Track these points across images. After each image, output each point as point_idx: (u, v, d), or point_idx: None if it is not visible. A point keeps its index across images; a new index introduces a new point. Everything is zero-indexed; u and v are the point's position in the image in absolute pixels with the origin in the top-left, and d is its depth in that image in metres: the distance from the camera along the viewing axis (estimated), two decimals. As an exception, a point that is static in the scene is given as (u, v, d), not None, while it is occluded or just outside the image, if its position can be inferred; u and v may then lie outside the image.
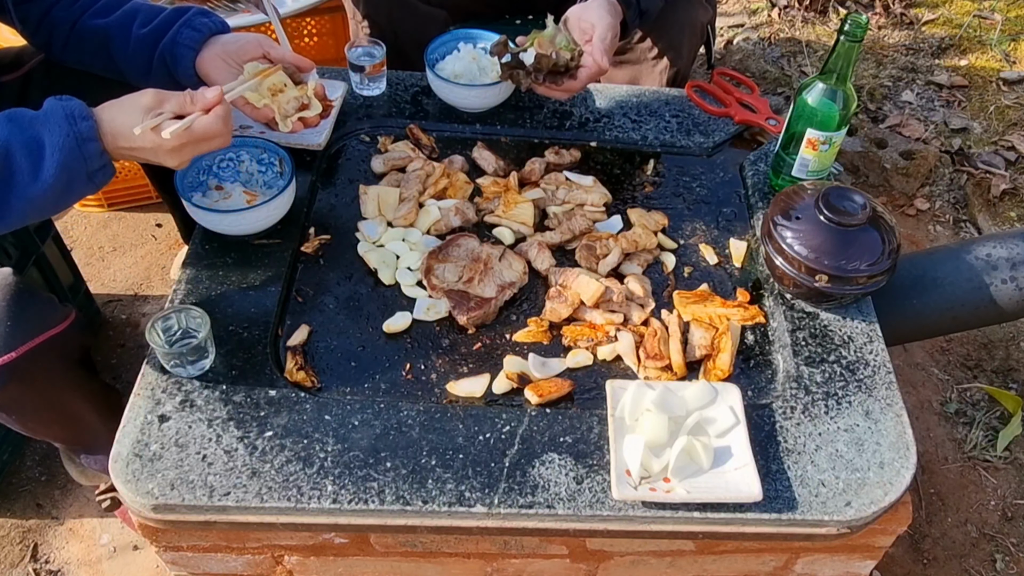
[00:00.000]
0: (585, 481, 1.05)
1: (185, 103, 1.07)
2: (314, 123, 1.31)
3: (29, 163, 0.99)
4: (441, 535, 1.10)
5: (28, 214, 1.03)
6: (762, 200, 1.44)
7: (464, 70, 1.53)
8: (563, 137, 1.55)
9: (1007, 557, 1.66)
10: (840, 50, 1.25)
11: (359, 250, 1.32)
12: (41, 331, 1.21)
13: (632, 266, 1.34)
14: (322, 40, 2.08)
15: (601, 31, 1.38)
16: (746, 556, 1.19)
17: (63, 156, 1.00)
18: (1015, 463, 1.80)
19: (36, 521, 1.62)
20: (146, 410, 1.08)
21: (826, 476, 1.07)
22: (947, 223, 2.33)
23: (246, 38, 1.29)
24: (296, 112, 1.29)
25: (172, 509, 1.01)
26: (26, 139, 0.99)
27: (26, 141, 0.99)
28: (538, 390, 1.14)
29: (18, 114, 1.01)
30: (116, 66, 1.29)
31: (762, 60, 2.77)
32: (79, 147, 1.01)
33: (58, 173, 1.00)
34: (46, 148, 0.99)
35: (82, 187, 1.05)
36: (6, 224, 1.04)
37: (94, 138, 1.02)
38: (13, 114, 1.01)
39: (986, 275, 1.32)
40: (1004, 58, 2.77)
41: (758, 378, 1.22)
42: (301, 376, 1.15)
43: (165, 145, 1.05)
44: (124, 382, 1.79)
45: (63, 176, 1.01)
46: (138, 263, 2.07)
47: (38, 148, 0.99)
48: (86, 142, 1.02)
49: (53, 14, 1.27)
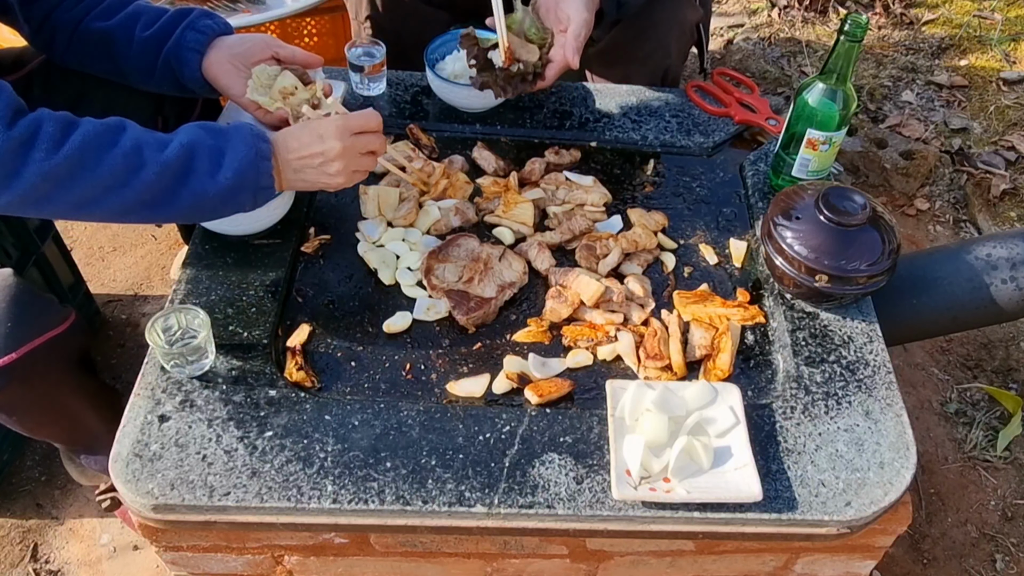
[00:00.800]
0: (585, 481, 1.05)
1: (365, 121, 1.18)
2: None
3: (209, 164, 1.08)
4: (441, 535, 1.10)
5: (190, 210, 1.11)
6: (762, 200, 1.44)
7: (464, 70, 1.53)
8: (563, 137, 1.55)
9: (1007, 557, 1.66)
10: (840, 50, 1.25)
11: (359, 250, 1.32)
12: (41, 332, 1.21)
13: (632, 266, 1.34)
14: (322, 40, 2.08)
15: (576, 27, 1.39)
16: (746, 556, 1.19)
17: (241, 165, 1.09)
18: (1015, 463, 1.80)
19: (36, 521, 1.62)
20: (146, 410, 1.08)
21: (826, 476, 1.07)
22: (947, 223, 2.33)
23: (252, 39, 1.28)
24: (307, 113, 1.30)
25: (172, 509, 1.01)
26: (212, 144, 1.09)
27: (212, 146, 1.09)
28: (538, 390, 1.14)
29: (210, 124, 1.13)
30: (119, 69, 1.29)
31: (762, 60, 2.77)
32: (256, 162, 1.10)
33: (232, 179, 1.09)
34: (227, 155, 1.09)
35: (245, 199, 1.13)
36: (167, 213, 1.11)
37: (269, 158, 1.12)
38: (205, 123, 1.13)
39: (986, 275, 1.32)
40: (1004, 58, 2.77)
41: (758, 378, 1.22)
42: (301, 376, 1.15)
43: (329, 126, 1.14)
44: (124, 382, 1.79)
45: (235, 183, 1.09)
46: (138, 263, 2.07)
47: (220, 154, 1.09)
48: (263, 160, 1.11)
49: (55, 16, 1.27)
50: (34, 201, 1.03)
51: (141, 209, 1.08)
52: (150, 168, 1.05)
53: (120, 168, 1.04)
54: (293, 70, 1.31)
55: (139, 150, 1.05)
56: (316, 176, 1.16)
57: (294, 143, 1.15)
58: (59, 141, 1.01)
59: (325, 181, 1.17)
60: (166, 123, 1.47)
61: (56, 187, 1.02)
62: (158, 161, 1.05)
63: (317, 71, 1.36)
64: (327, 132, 1.14)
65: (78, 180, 1.03)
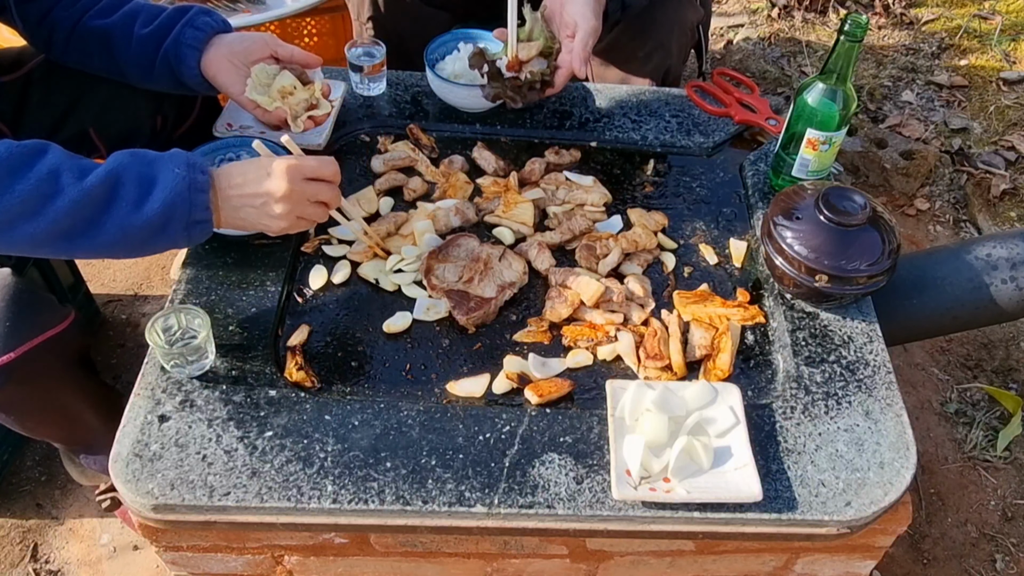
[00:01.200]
0: (585, 481, 1.05)
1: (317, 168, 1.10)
2: (323, 121, 1.31)
3: (136, 193, 1.01)
4: (441, 535, 1.10)
5: (114, 244, 1.03)
6: (762, 200, 1.44)
7: (464, 70, 1.53)
8: (563, 137, 1.55)
9: (1007, 557, 1.66)
10: (840, 50, 1.25)
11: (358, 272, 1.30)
12: (40, 332, 1.21)
13: (632, 266, 1.34)
14: (322, 40, 2.08)
15: (583, 35, 1.38)
16: (746, 556, 1.19)
17: (171, 196, 1.02)
18: (1015, 463, 1.80)
19: (36, 521, 1.62)
20: (146, 410, 1.08)
21: (826, 476, 1.07)
22: (947, 223, 2.33)
23: (252, 38, 1.28)
24: (305, 112, 1.30)
25: (172, 509, 1.01)
26: (141, 172, 1.02)
27: (140, 173, 1.02)
28: (538, 390, 1.14)
29: (142, 152, 1.05)
30: (118, 67, 1.29)
31: (762, 60, 2.77)
32: (189, 192, 1.03)
33: (161, 210, 1.02)
34: (157, 184, 1.02)
35: (176, 234, 1.05)
36: (87, 247, 1.03)
37: (205, 190, 1.05)
38: (137, 151, 1.05)
39: (986, 275, 1.32)
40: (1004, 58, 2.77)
41: (758, 378, 1.22)
42: (301, 376, 1.15)
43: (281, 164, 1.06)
44: (124, 382, 1.79)
45: (164, 214, 1.02)
46: (138, 263, 2.07)
47: (150, 182, 1.02)
48: (197, 192, 1.04)
49: (54, 14, 1.27)
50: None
51: (56, 241, 1.01)
52: (67, 195, 0.98)
53: (32, 195, 0.97)
54: (292, 70, 1.31)
55: (56, 176, 0.98)
56: (256, 216, 1.10)
57: (238, 178, 1.08)
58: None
59: (266, 223, 1.11)
60: (166, 121, 1.47)
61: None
62: (77, 189, 0.98)
63: (316, 71, 1.36)
64: (276, 171, 1.07)
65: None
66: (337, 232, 1.35)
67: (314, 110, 1.31)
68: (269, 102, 1.25)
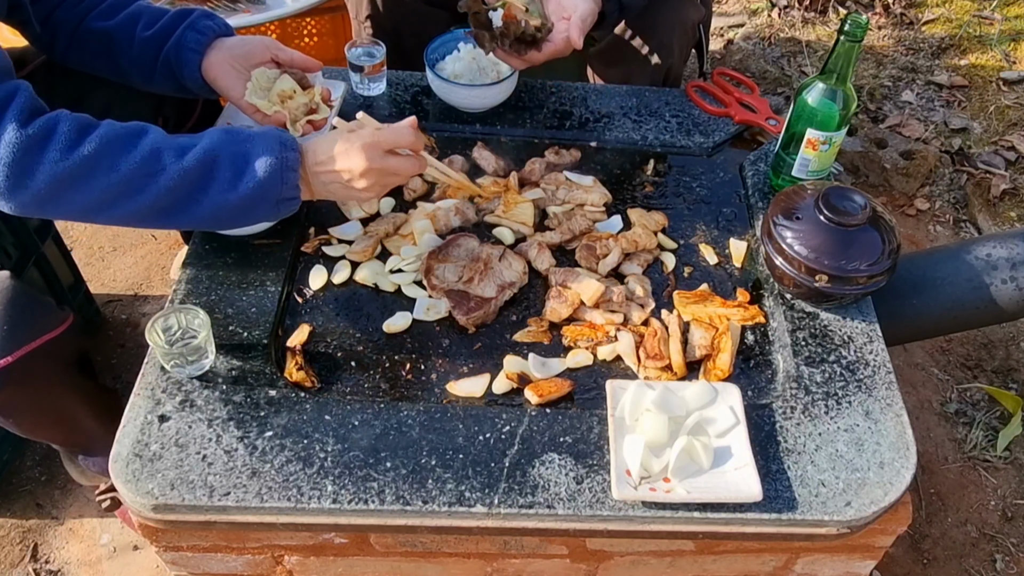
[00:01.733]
0: (585, 481, 1.05)
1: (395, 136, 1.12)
2: (322, 126, 1.31)
3: (232, 173, 1.06)
4: (441, 535, 1.10)
5: (209, 219, 1.10)
6: (762, 200, 1.44)
7: (464, 70, 1.53)
8: (563, 137, 1.55)
9: (1007, 557, 1.66)
10: (840, 50, 1.25)
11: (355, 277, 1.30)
12: (38, 335, 1.21)
13: (632, 266, 1.34)
14: (322, 40, 2.08)
15: (581, 12, 1.39)
16: (746, 556, 1.19)
17: (264, 176, 1.06)
18: (1015, 463, 1.80)
19: (36, 521, 1.62)
20: (146, 410, 1.08)
21: (826, 476, 1.07)
22: (947, 223, 2.33)
23: (253, 41, 1.28)
24: (304, 116, 1.30)
25: (172, 509, 1.01)
26: (236, 151, 1.07)
27: (235, 153, 1.06)
28: (538, 390, 1.14)
29: (237, 129, 1.10)
30: (119, 69, 1.29)
31: (762, 60, 2.77)
32: (281, 172, 1.07)
33: (254, 189, 1.06)
34: (251, 164, 1.06)
35: (266, 211, 1.11)
36: (184, 221, 1.09)
37: (295, 169, 1.09)
38: (231, 128, 1.10)
39: (986, 275, 1.32)
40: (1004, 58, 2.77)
41: (758, 378, 1.22)
42: (301, 376, 1.15)
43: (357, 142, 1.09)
44: (124, 382, 1.79)
45: (257, 193, 1.07)
46: (138, 263, 2.07)
47: (244, 162, 1.06)
48: (288, 171, 1.08)
49: (57, 15, 1.27)
50: (48, 202, 1.02)
51: (157, 216, 1.07)
52: (168, 174, 1.04)
53: (136, 173, 1.03)
54: (292, 74, 1.31)
55: (158, 155, 1.04)
56: (344, 191, 1.14)
57: (323, 155, 1.11)
58: (75, 142, 1.01)
59: (354, 195, 1.15)
60: (166, 124, 1.47)
61: (69, 189, 1.02)
62: (177, 167, 1.04)
63: (316, 75, 1.36)
64: (354, 149, 1.10)
65: (92, 183, 1.02)
66: (337, 232, 1.35)
67: (313, 115, 1.31)
68: (268, 106, 1.26)
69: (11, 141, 0.98)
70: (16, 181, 1.00)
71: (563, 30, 1.40)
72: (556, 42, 1.40)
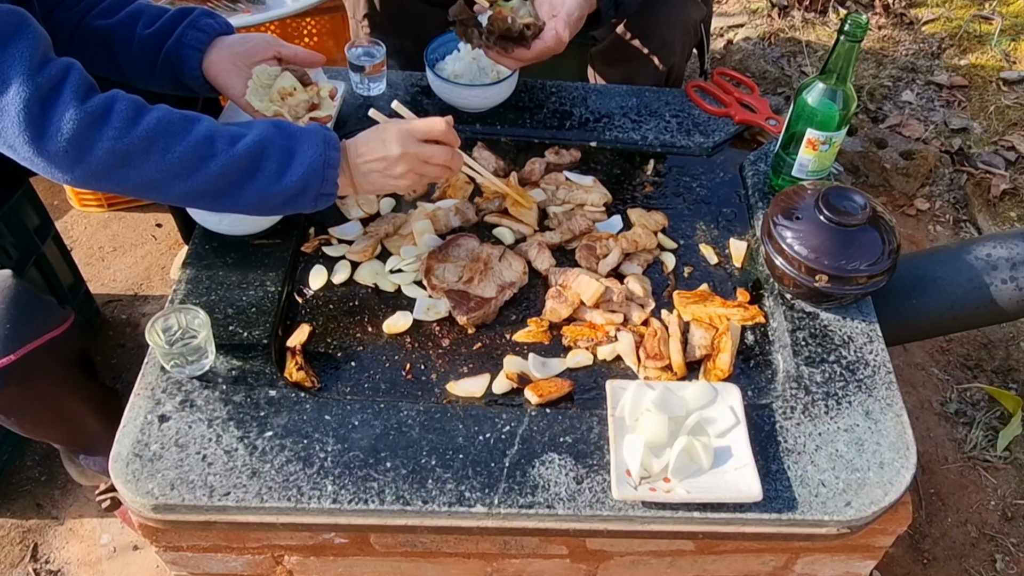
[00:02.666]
0: (585, 481, 1.05)
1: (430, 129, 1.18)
2: (325, 122, 1.31)
3: (278, 165, 1.10)
4: (441, 535, 1.10)
5: (252, 206, 1.13)
6: (762, 200, 1.44)
7: (464, 70, 1.53)
8: (563, 137, 1.55)
9: (1007, 557, 1.66)
10: (840, 50, 1.25)
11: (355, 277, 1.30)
12: (40, 334, 1.21)
13: (632, 266, 1.34)
14: (322, 40, 2.08)
15: (569, 7, 1.39)
16: (746, 556, 1.19)
17: (307, 171, 1.10)
18: (1015, 463, 1.80)
19: (36, 521, 1.62)
20: (146, 410, 1.08)
21: (826, 476, 1.07)
22: (947, 223, 2.33)
23: (254, 39, 1.29)
24: (307, 113, 1.30)
25: (172, 509, 1.01)
26: (284, 145, 1.10)
27: (283, 147, 1.10)
28: (538, 390, 1.14)
29: (286, 124, 1.15)
30: (119, 67, 1.29)
31: (762, 60, 2.77)
32: (323, 169, 1.11)
33: (297, 182, 1.10)
34: (296, 158, 1.10)
35: (304, 203, 1.14)
36: (229, 206, 1.13)
37: (336, 167, 1.13)
38: (281, 122, 1.15)
39: (986, 275, 1.32)
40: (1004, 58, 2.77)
41: (758, 378, 1.22)
42: (301, 376, 1.15)
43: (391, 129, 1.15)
44: (124, 382, 1.79)
45: (299, 186, 1.11)
46: (138, 263, 2.07)
47: (290, 156, 1.10)
48: (330, 168, 1.12)
49: (56, 15, 1.27)
50: (104, 177, 1.05)
51: (205, 198, 1.11)
52: (219, 160, 1.07)
53: (190, 156, 1.06)
54: (293, 70, 1.31)
55: (211, 141, 1.07)
56: (382, 180, 1.17)
57: (362, 147, 1.16)
58: (133, 120, 1.04)
59: (392, 184, 1.18)
60: None
61: (125, 166, 1.04)
62: (228, 155, 1.07)
63: (318, 70, 1.36)
64: (389, 136, 1.15)
65: (148, 162, 1.05)
66: (337, 232, 1.35)
67: (316, 111, 1.31)
68: (267, 107, 1.26)
69: (72, 117, 1.00)
70: (75, 156, 1.02)
71: (552, 27, 1.40)
72: (546, 39, 1.39)
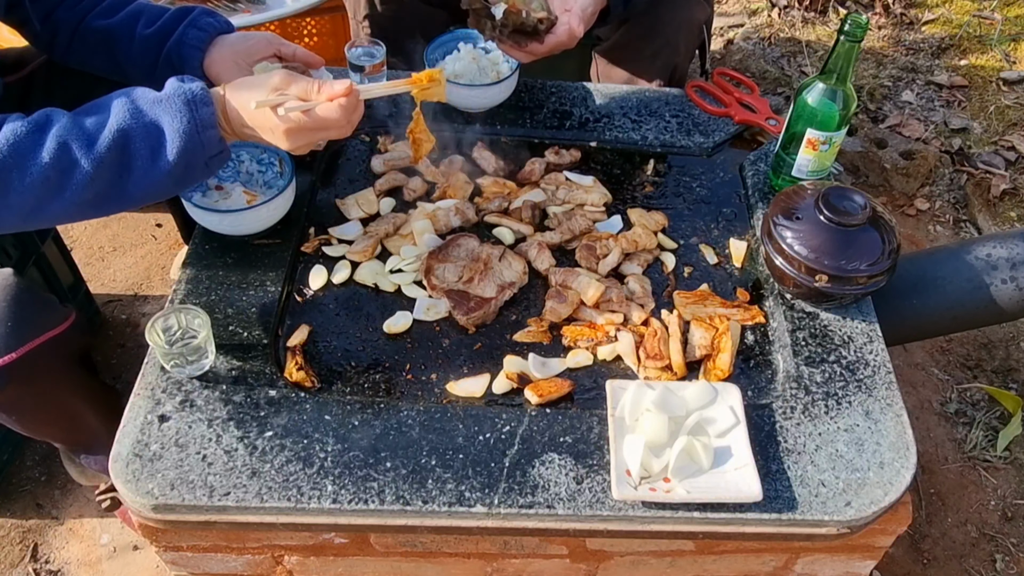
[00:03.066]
0: (585, 481, 1.05)
1: (311, 90, 1.05)
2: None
3: (148, 149, 1.00)
4: (441, 535, 1.10)
5: (146, 197, 1.04)
6: (762, 200, 1.44)
7: (464, 70, 1.53)
8: (563, 137, 1.55)
9: (1007, 557, 1.66)
10: (840, 50, 1.25)
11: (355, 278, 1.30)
12: (41, 332, 1.21)
13: (632, 266, 1.34)
14: (322, 40, 2.08)
15: (582, 2, 1.39)
16: (746, 556, 1.19)
17: (182, 143, 1.00)
18: (1015, 463, 1.80)
19: (36, 521, 1.62)
20: (146, 410, 1.08)
21: (826, 476, 1.07)
22: (947, 223, 2.33)
23: (255, 37, 1.29)
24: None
25: (172, 509, 1.01)
26: (146, 124, 1.00)
27: (146, 126, 1.00)
28: (538, 390, 1.14)
29: (139, 95, 1.02)
30: (120, 67, 1.29)
31: (762, 60, 2.77)
32: (199, 134, 1.01)
33: (176, 159, 1.00)
34: (166, 134, 1.00)
35: (199, 173, 1.05)
36: (126, 205, 1.04)
37: (213, 125, 1.02)
38: (134, 94, 1.02)
39: (986, 275, 1.32)
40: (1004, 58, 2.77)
41: (758, 378, 1.22)
42: (301, 376, 1.15)
43: (281, 126, 1.04)
44: (124, 382, 1.79)
45: (181, 162, 1.01)
46: (138, 263, 2.07)
47: (157, 134, 1.00)
48: (206, 129, 1.01)
49: (57, 14, 1.27)
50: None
51: (91, 207, 1.01)
52: (83, 167, 0.97)
53: (50, 172, 0.96)
54: (294, 68, 1.31)
55: (66, 149, 0.97)
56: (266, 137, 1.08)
57: (246, 118, 1.05)
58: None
59: (275, 144, 1.08)
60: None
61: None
62: (90, 157, 0.97)
63: (320, 70, 1.36)
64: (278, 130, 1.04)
65: (10, 192, 0.96)
66: (337, 232, 1.35)
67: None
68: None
69: None
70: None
71: (566, 22, 1.40)
72: (559, 34, 1.40)
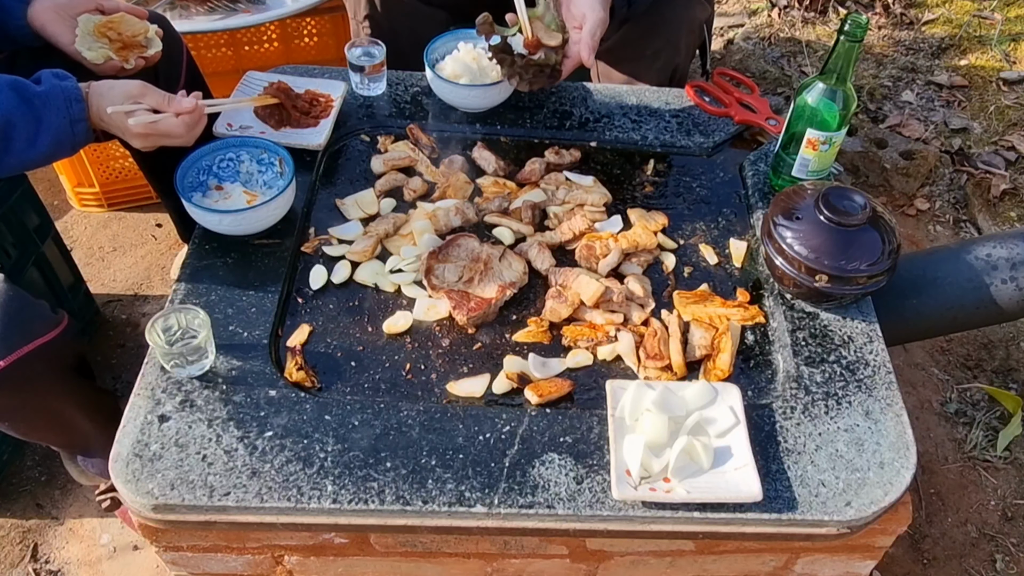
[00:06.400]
0: (585, 481, 1.05)
1: (163, 102, 1.23)
2: (155, 60, 1.38)
3: (27, 134, 1.15)
4: (441, 535, 1.10)
5: (17, 171, 1.21)
6: (762, 200, 1.44)
7: (464, 70, 1.53)
8: (563, 137, 1.55)
9: (1007, 557, 1.66)
10: (840, 50, 1.25)
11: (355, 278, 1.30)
12: (31, 339, 1.20)
13: (632, 266, 1.34)
14: (322, 40, 2.08)
15: (591, 25, 1.39)
16: (746, 556, 1.19)
17: (57, 133, 1.17)
18: (1015, 463, 1.80)
19: (36, 521, 1.62)
20: (146, 410, 1.08)
21: (826, 476, 1.07)
22: (947, 223, 2.33)
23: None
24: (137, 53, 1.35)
25: (172, 509, 1.01)
26: (28, 114, 1.15)
27: (27, 115, 1.15)
28: (538, 390, 1.14)
29: (22, 88, 1.16)
30: None
31: (762, 60, 2.77)
32: (71, 127, 1.18)
33: (50, 144, 1.17)
34: (43, 124, 1.16)
35: (66, 154, 1.23)
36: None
37: (84, 119, 1.19)
38: (18, 86, 1.16)
39: (986, 275, 1.32)
40: (1004, 58, 2.77)
41: (758, 378, 1.22)
42: (301, 376, 1.15)
43: (130, 130, 1.21)
44: (124, 382, 1.79)
45: (52, 148, 1.18)
46: (138, 263, 2.07)
47: (37, 123, 1.16)
48: (77, 123, 1.18)
49: None
50: None
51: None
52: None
53: None
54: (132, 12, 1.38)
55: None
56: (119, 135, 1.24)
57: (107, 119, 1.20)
58: None
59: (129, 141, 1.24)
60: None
61: None
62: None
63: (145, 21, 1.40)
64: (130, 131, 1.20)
65: None
66: (337, 232, 1.35)
67: (144, 51, 1.36)
68: (97, 56, 1.31)
69: None
70: None
71: (576, 41, 1.41)
72: (572, 57, 1.43)
